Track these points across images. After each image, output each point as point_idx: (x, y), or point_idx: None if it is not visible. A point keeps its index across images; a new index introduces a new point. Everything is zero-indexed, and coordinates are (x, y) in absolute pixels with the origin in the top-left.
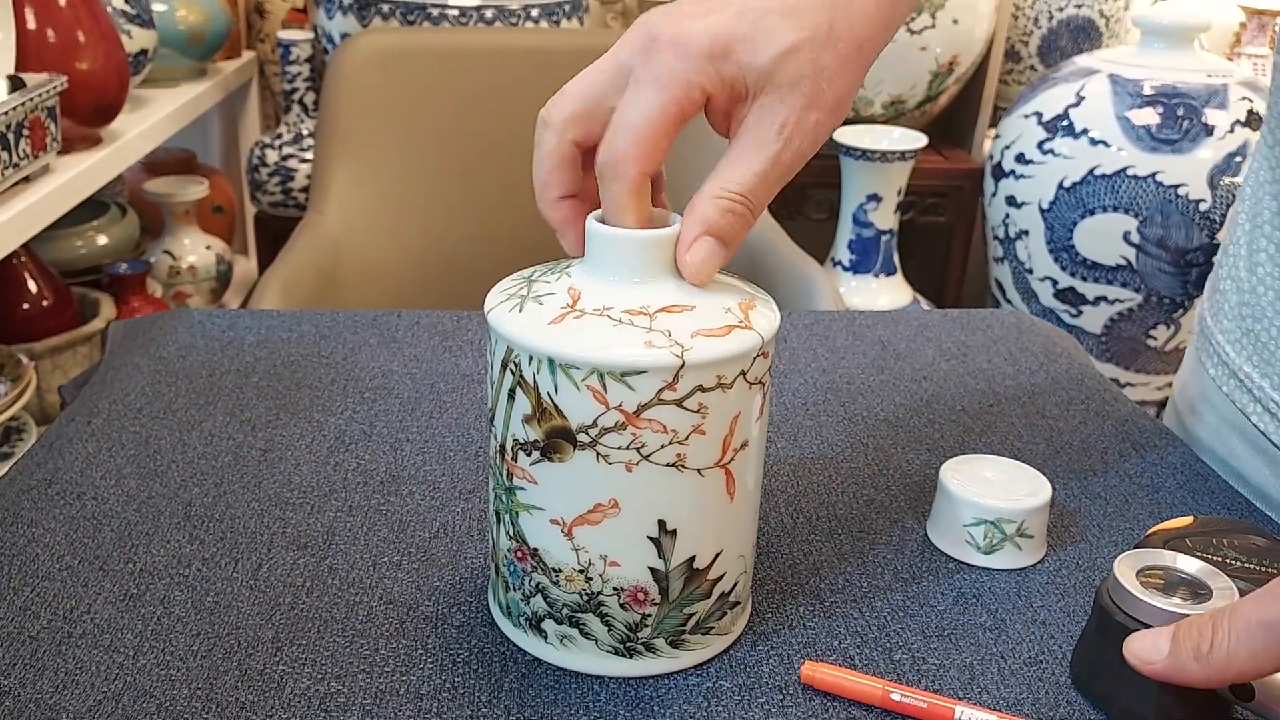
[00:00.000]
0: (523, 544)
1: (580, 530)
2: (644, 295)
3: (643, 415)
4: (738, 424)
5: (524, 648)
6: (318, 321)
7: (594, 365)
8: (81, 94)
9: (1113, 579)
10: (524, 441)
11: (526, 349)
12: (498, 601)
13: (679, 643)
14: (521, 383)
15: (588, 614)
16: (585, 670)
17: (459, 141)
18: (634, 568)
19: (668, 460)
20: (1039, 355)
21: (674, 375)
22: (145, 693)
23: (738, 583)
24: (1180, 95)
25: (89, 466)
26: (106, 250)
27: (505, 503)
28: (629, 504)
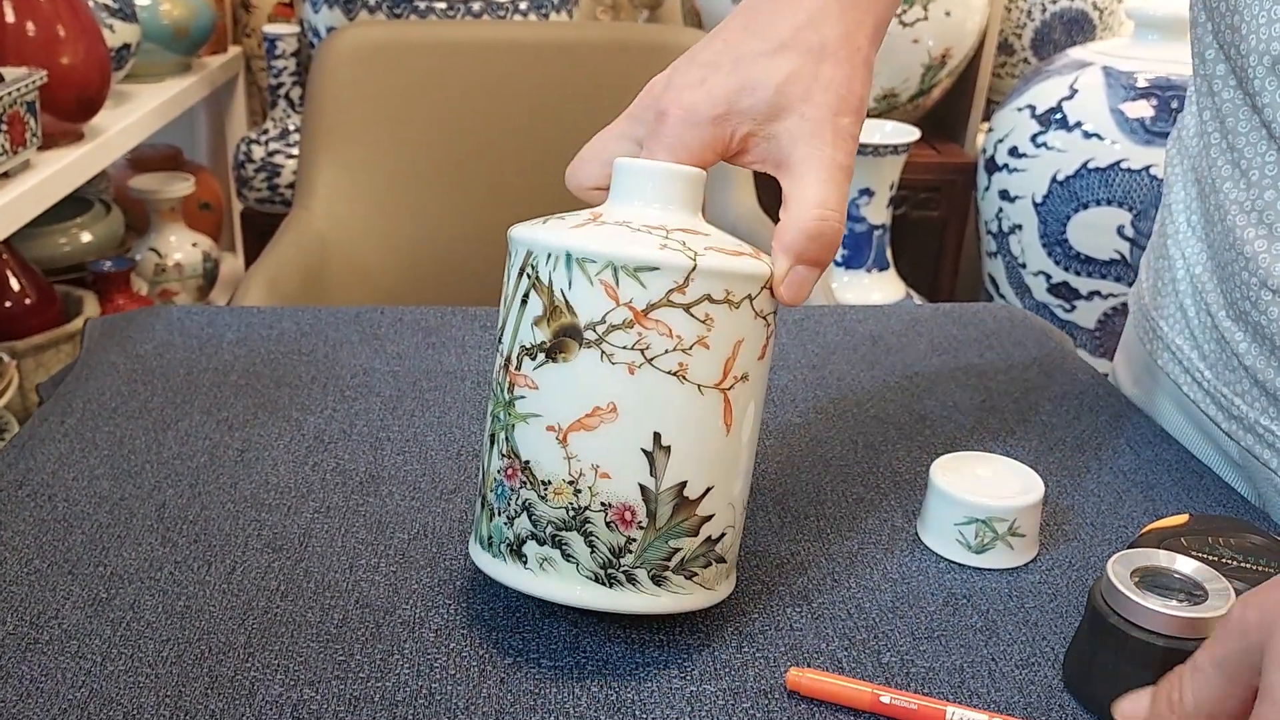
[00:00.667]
0: (514, 459)
1: (575, 437)
2: (663, 218)
3: (650, 315)
4: (741, 350)
5: (502, 580)
6: (298, 318)
7: (609, 259)
8: (62, 89)
9: (1106, 580)
10: (531, 345)
11: (545, 248)
12: (479, 536)
13: (661, 579)
14: (536, 284)
15: (572, 532)
16: (564, 599)
17: (447, 136)
18: (625, 483)
19: (670, 368)
20: (1031, 350)
21: (685, 277)
22: (112, 700)
23: (725, 534)
24: (1174, 88)
25: (61, 467)
26: (91, 248)
27: (502, 420)
28: (627, 410)
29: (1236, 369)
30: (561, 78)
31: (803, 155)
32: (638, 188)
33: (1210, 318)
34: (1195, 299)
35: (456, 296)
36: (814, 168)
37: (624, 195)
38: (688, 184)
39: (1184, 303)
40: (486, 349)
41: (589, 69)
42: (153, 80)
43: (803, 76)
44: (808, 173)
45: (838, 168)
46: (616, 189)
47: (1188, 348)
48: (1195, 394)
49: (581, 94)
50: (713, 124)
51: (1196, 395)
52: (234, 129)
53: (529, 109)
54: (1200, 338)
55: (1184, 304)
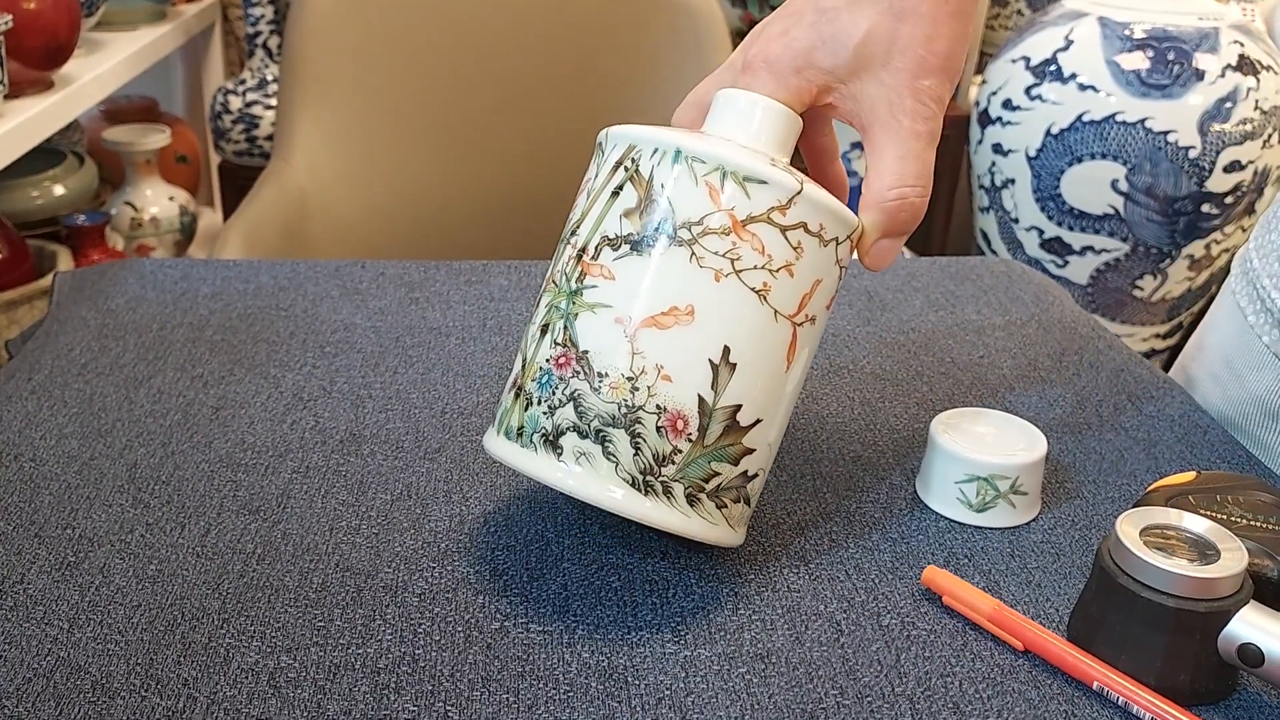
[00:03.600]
0: (571, 348)
1: (645, 333)
2: (764, 148)
3: (748, 227)
4: (817, 290)
5: (528, 470)
6: (276, 272)
7: (720, 162)
8: (29, 35)
9: (1115, 539)
10: (615, 236)
11: (654, 143)
12: (505, 428)
13: (695, 500)
14: (635, 177)
15: (619, 430)
16: (595, 498)
17: (430, 86)
18: (685, 389)
19: (755, 284)
20: (1030, 304)
21: (789, 198)
22: (80, 668)
23: (758, 475)
24: (1171, 39)
25: (28, 426)
26: (64, 201)
27: (563, 309)
28: (704, 316)
29: None
30: (548, 27)
31: (881, 126)
32: (738, 118)
33: None
34: None
35: (439, 250)
36: (892, 141)
37: (724, 123)
38: (785, 122)
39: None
40: (471, 304)
41: (576, 18)
42: (126, 28)
43: (880, 37)
44: (886, 146)
45: (916, 137)
46: (716, 116)
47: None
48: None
49: (568, 43)
50: (794, 75)
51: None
52: (210, 79)
53: (514, 58)
54: None
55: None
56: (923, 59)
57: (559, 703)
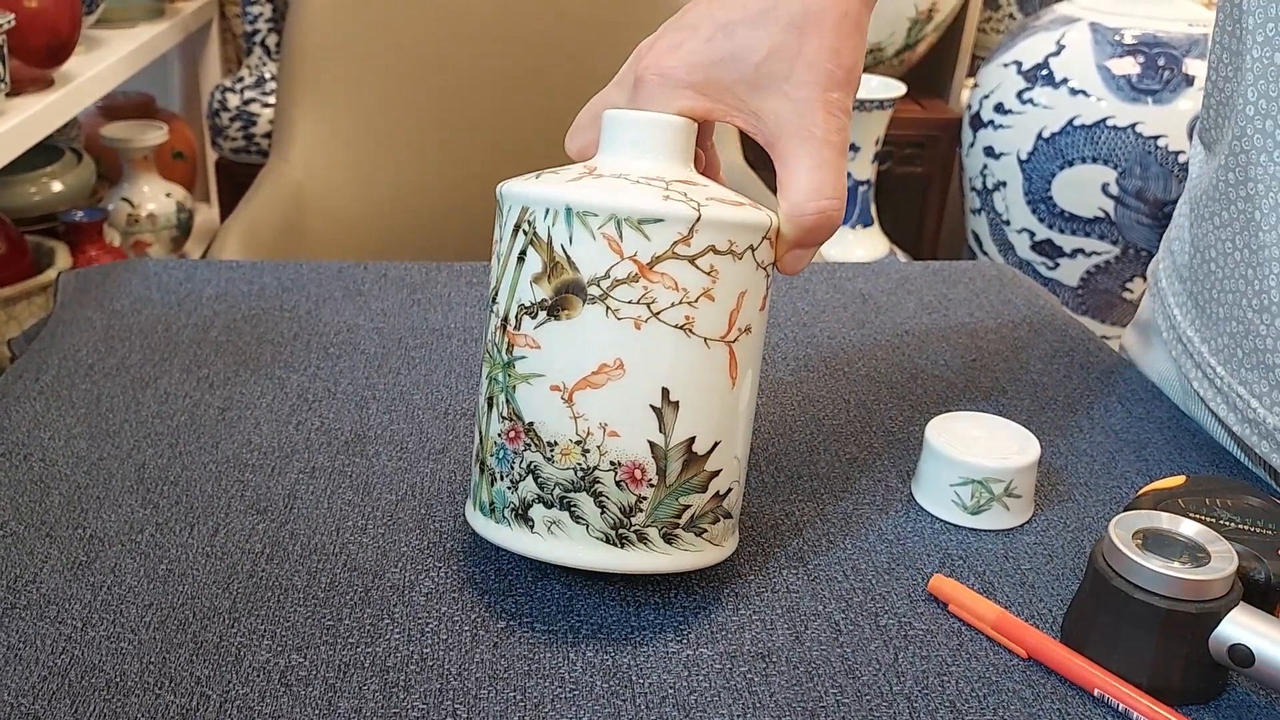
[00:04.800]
0: (517, 421)
1: (582, 395)
2: (657, 169)
3: (655, 268)
4: (744, 302)
5: (508, 546)
6: (280, 273)
7: (612, 211)
8: (31, 33)
9: (1108, 542)
10: (530, 304)
11: (544, 203)
12: (478, 502)
13: (672, 537)
14: (534, 240)
15: (580, 494)
16: (575, 563)
17: (430, 85)
18: (634, 440)
19: (676, 321)
20: (1021, 308)
21: (689, 228)
22: (94, 667)
23: (731, 490)
24: (1161, 45)
25: (37, 426)
26: (62, 197)
27: (502, 381)
28: (634, 366)
29: (1256, 368)
30: (548, 25)
31: (792, 139)
32: (628, 139)
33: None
34: None
35: (438, 250)
36: (806, 153)
37: (615, 147)
38: (678, 133)
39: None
40: (473, 306)
41: (576, 16)
42: (125, 25)
43: (785, 53)
44: (800, 159)
45: (830, 148)
46: (607, 141)
47: (1198, 339)
48: (1204, 389)
49: (568, 41)
50: (690, 89)
51: (1206, 391)
52: (208, 76)
53: (514, 57)
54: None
55: None
56: (830, 72)
57: (565, 700)
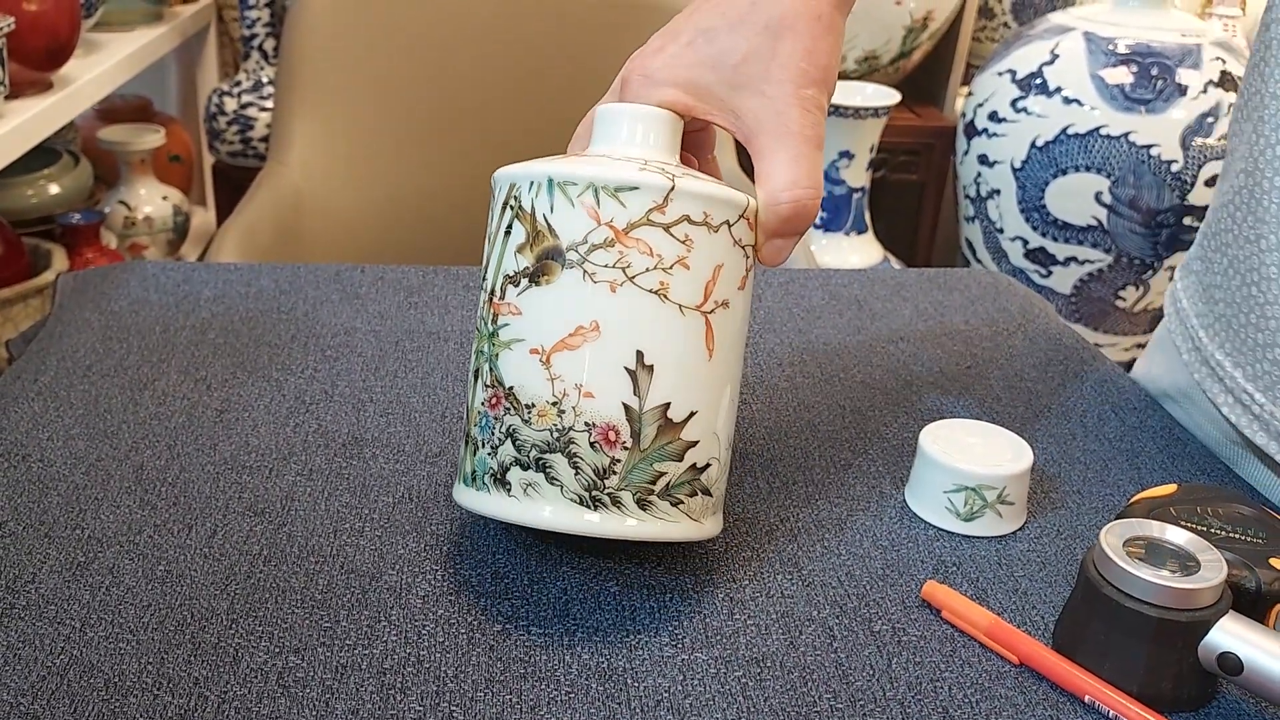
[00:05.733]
0: (498, 388)
1: (559, 357)
2: (643, 153)
3: (631, 234)
4: (720, 275)
5: (485, 511)
6: (277, 276)
7: (590, 180)
8: (30, 36)
9: (1099, 550)
10: (514, 272)
11: (528, 177)
12: (462, 476)
13: (646, 504)
14: (519, 213)
15: (556, 454)
16: (548, 524)
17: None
18: (608, 401)
19: (651, 286)
20: (1016, 316)
21: (664, 197)
22: (93, 668)
23: (710, 465)
24: (1154, 54)
25: (35, 427)
26: (59, 200)
27: (486, 352)
28: (610, 328)
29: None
30: (546, 29)
31: (769, 134)
32: (616, 129)
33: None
34: None
35: (435, 254)
36: (783, 146)
37: (605, 138)
38: (661, 123)
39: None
40: (469, 310)
41: (574, 21)
42: (123, 29)
43: (760, 55)
44: (778, 152)
45: (806, 141)
46: (598, 134)
47: (1229, 364)
48: (1238, 417)
49: (566, 46)
50: (671, 87)
51: (1240, 419)
52: (205, 80)
53: (511, 61)
54: (1248, 354)
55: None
56: (804, 71)
57: (561, 703)
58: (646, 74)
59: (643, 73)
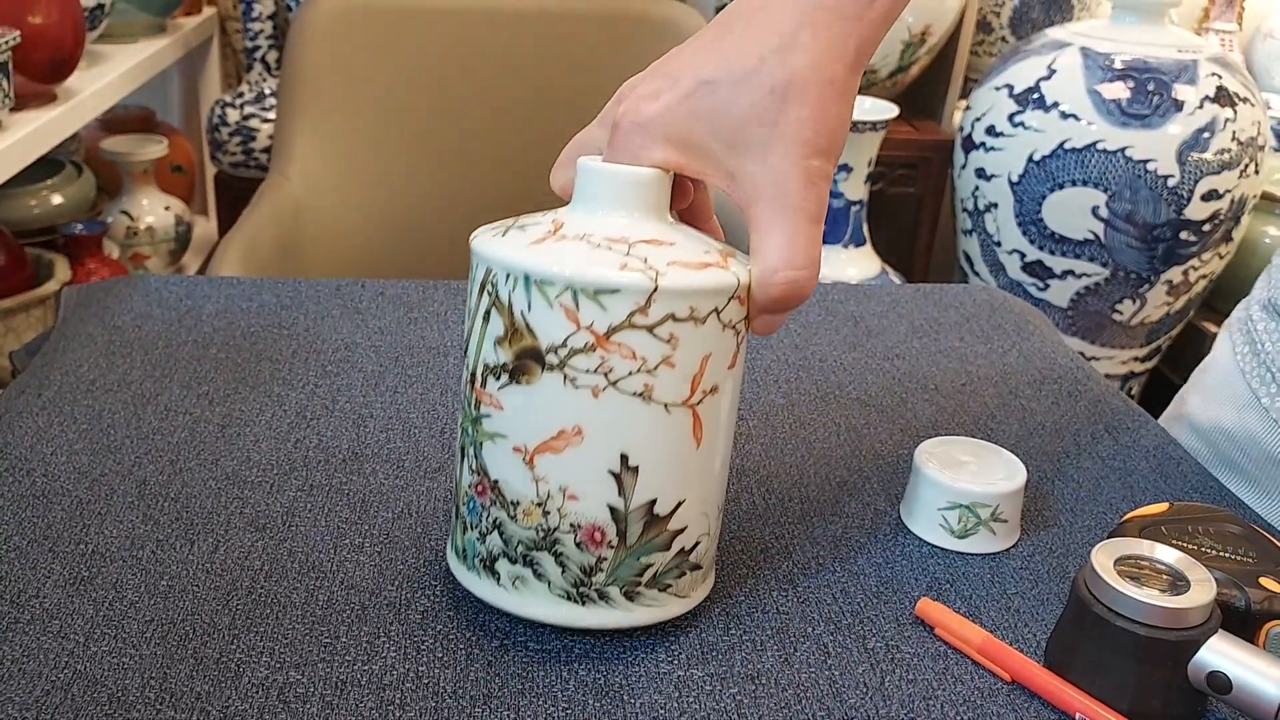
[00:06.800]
0: (484, 476)
1: (542, 459)
2: (626, 228)
3: (612, 338)
4: (709, 364)
5: (477, 593)
6: (279, 290)
7: (568, 282)
8: (35, 49)
9: (1090, 569)
10: (494, 365)
11: (504, 267)
12: (454, 546)
13: (634, 595)
14: (497, 303)
15: (542, 552)
16: (537, 617)
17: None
18: (593, 503)
19: (634, 389)
20: (1011, 333)
21: (646, 299)
22: (96, 682)
23: (700, 543)
24: (1151, 70)
25: (39, 441)
26: (62, 210)
27: (470, 434)
28: (592, 433)
29: None
30: (546, 46)
31: (767, 206)
32: (599, 192)
33: None
34: None
35: (434, 267)
36: (781, 221)
37: (586, 199)
38: (649, 187)
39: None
40: None
41: (574, 38)
42: (126, 41)
43: (765, 118)
44: (774, 227)
45: (805, 217)
46: (580, 191)
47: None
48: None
49: (565, 63)
50: (665, 142)
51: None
52: (208, 91)
53: (512, 77)
54: None
55: None
56: (810, 141)
57: (558, 719)
58: (639, 123)
59: (635, 120)
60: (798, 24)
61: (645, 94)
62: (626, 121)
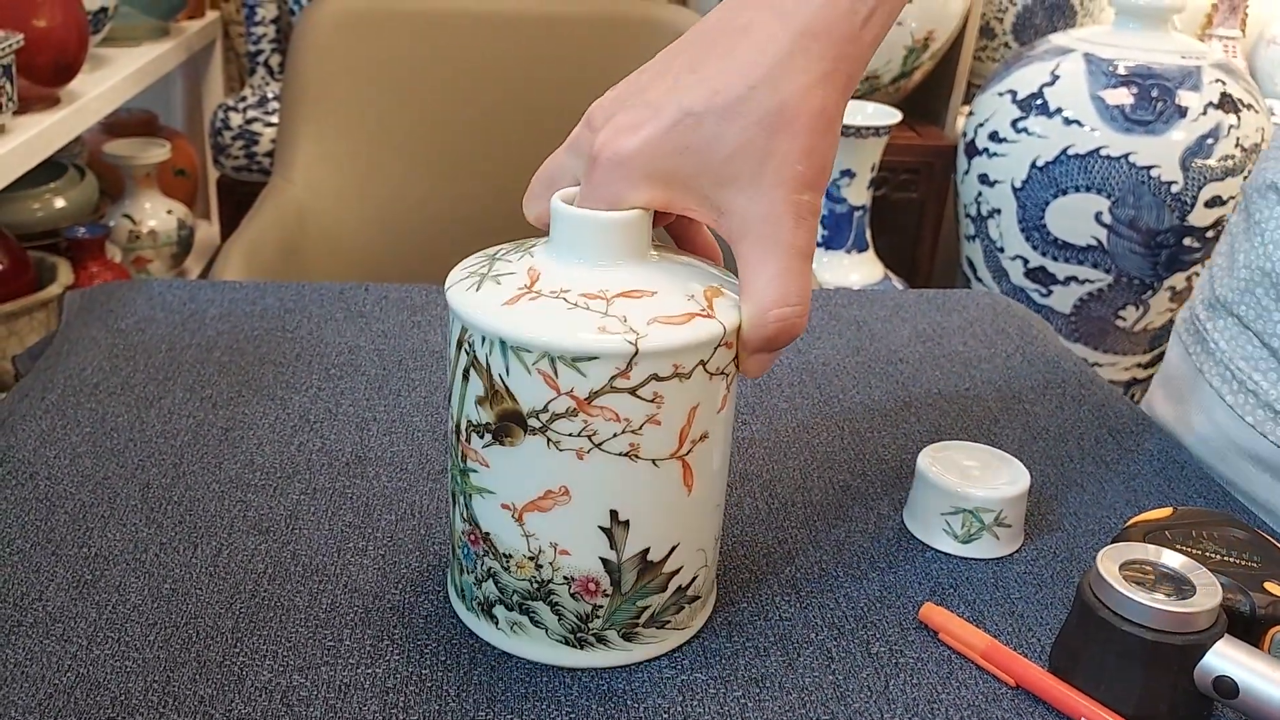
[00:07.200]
0: (475, 527)
1: (531, 517)
2: (604, 279)
3: (594, 403)
4: (696, 415)
5: (476, 633)
6: (282, 294)
7: (545, 349)
8: (39, 52)
9: (1096, 573)
10: (477, 423)
11: (480, 329)
12: (454, 584)
13: (631, 635)
14: (475, 363)
15: (538, 602)
16: (535, 659)
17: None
18: (585, 557)
19: (620, 450)
20: (1015, 338)
21: (627, 363)
22: (99, 685)
23: (697, 577)
24: (1154, 76)
25: (43, 445)
26: (65, 213)
27: (460, 484)
28: (580, 492)
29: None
30: (547, 50)
31: (757, 243)
32: (575, 238)
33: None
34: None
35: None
36: (770, 256)
37: (563, 243)
38: (629, 230)
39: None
40: None
41: (575, 43)
42: (130, 44)
43: (754, 151)
44: (764, 262)
45: (797, 254)
46: (556, 233)
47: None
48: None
49: (567, 68)
50: (648, 180)
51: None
52: (211, 95)
53: (513, 81)
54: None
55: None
56: (801, 174)
57: None
58: (620, 160)
59: (615, 156)
60: (788, 50)
61: (624, 126)
62: (605, 157)
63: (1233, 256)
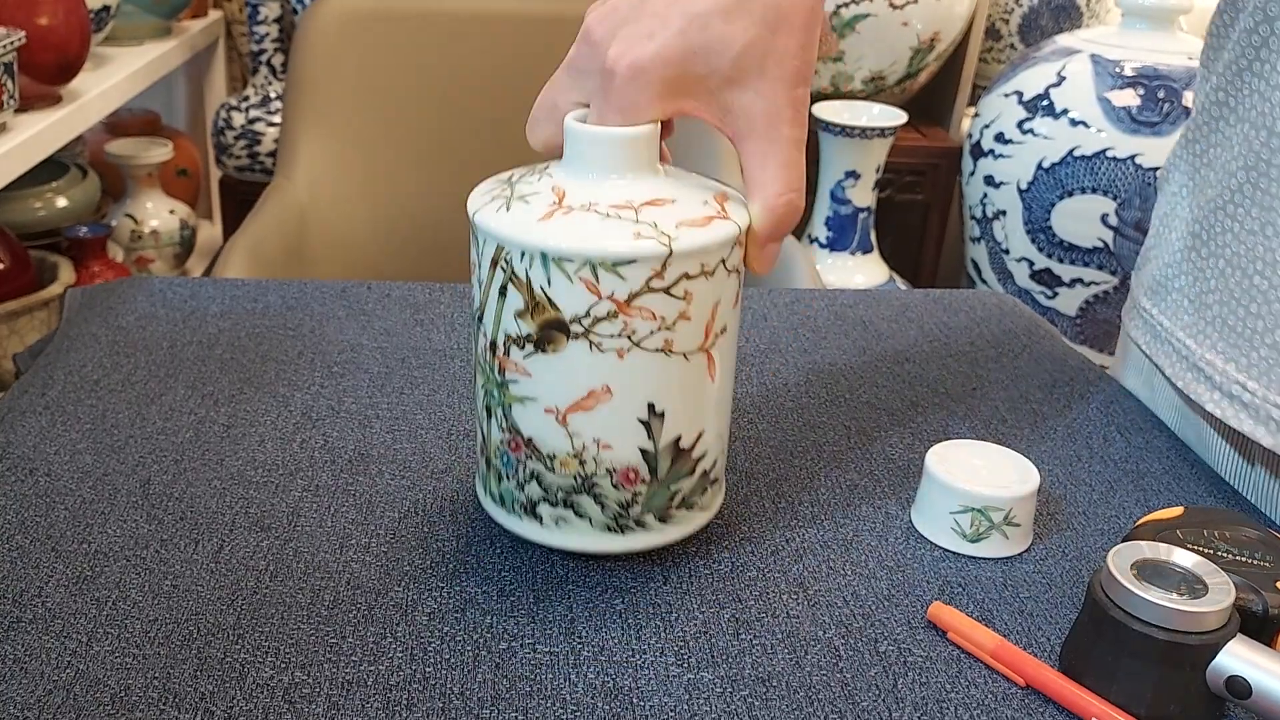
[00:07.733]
0: (516, 435)
1: (575, 417)
2: (626, 191)
3: (633, 304)
4: (718, 310)
5: (519, 533)
6: (284, 292)
7: (587, 257)
8: (41, 50)
9: (1107, 573)
10: (517, 336)
11: (518, 245)
12: (490, 493)
13: (666, 517)
14: (513, 279)
15: (582, 495)
16: (582, 549)
17: (432, 108)
18: (625, 449)
19: (656, 346)
20: (1021, 337)
21: (662, 264)
22: (99, 682)
23: (717, 461)
24: (1161, 77)
25: (42, 441)
26: (66, 213)
27: (497, 397)
28: (621, 390)
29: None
30: (550, 51)
31: (762, 136)
32: (594, 155)
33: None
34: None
35: (441, 269)
36: (776, 150)
37: (580, 162)
38: (644, 144)
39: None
40: None
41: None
42: (132, 44)
43: (758, 48)
44: (770, 156)
45: (795, 145)
46: (572, 153)
47: (1221, 361)
48: (1224, 409)
49: None
50: (662, 85)
51: (1227, 410)
52: (213, 95)
53: (517, 81)
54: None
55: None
56: (798, 69)
57: None
58: (637, 68)
59: (632, 65)
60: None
61: (636, 36)
62: (623, 66)
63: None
